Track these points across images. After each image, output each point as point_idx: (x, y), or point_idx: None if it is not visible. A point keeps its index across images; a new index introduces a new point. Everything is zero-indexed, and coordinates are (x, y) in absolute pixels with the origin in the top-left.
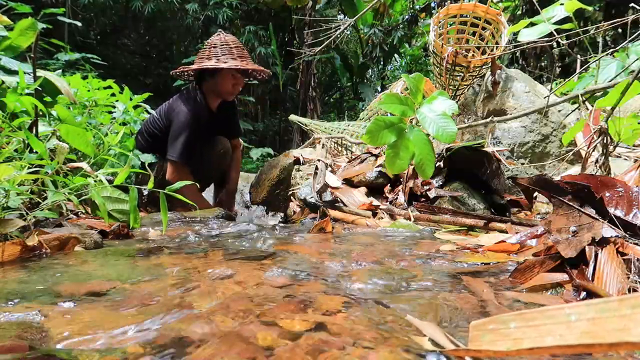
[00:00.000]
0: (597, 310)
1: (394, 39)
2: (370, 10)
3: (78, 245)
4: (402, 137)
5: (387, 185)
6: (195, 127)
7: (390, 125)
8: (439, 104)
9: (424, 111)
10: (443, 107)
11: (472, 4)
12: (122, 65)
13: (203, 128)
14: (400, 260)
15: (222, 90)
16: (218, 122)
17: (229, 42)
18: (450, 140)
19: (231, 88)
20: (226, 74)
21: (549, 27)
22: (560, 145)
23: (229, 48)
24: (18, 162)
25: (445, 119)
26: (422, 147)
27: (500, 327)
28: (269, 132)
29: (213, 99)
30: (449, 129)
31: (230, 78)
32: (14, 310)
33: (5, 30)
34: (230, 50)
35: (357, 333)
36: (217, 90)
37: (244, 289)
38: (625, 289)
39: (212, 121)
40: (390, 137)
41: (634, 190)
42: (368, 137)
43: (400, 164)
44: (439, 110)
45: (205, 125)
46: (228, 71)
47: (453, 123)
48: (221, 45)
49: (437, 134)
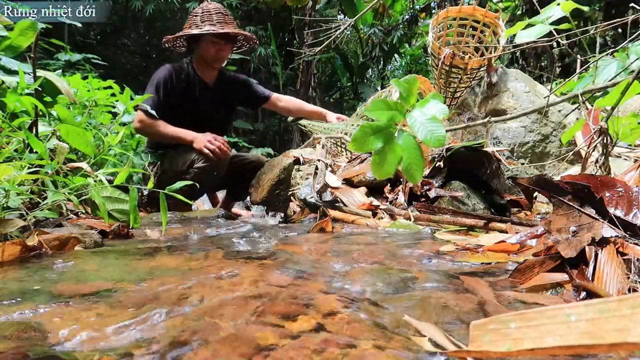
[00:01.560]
0: (596, 310)
1: (394, 38)
2: (370, 10)
3: (78, 245)
4: (390, 142)
5: (387, 185)
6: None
7: (377, 131)
8: (430, 108)
9: (415, 115)
10: (434, 111)
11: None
12: (122, 65)
13: (192, 94)
14: (400, 261)
15: (207, 57)
16: (216, 96)
17: (210, 10)
18: (439, 144)
19: (214, 54)
20: (207, 40)
21: (546, 27)
22: (560, 145)
23: (209, 15)
24: (18, 162)
25: (435, 123)
26: (411, 152)
27: (500, 327)
28: (269, 132)
29: (205, 70)
30: (438, 133)
31: (211, 44)
32: (14, 310)
33: (5, 30)
34: (210, 16)
35: (358, 333)
36: (202, 58)
37: (244, 289)
38: (625, 289)
39: (207, 94)
40: (377, 143)
41: (634, 190)
42: (354, 144)
43: (387, 169)
44: (429, 114)
45: (195, 94)
46: (207, 37)
47: (442, 127)
48: (202, 14)
49: (426, 139)
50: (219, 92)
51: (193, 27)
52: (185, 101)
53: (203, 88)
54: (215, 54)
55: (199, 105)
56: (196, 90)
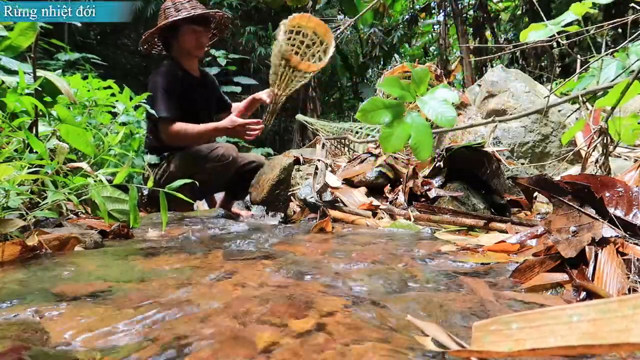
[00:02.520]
0: (598, 310)
1: (394, 38)
2: (370, 10)
3: (78, 245)
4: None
5: (387, 185)
6: (169, 84)
7: (387, 106)
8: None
9: (425, 98)
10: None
11: (307, 16)
12: (122, 65)
13: (184, 89)
14: (400, 261)
15: (188, 47)
16: (202, 88)
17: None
18: (450, 124)
19: (195, 42)
20: (185, 30)
21: (555, 28)
22: (560, 145)
23: (182, 3)
24: (18, 162)
25: (445, 105)
26: (419, 129)
27: (502, 327)
28: (269, 132)
29: (187, 61)
30: (448, 114)
31: (191, 32)
32: (14, 310)
33: (5, 30)
34: (183, 5)
35: (358, 333)
36: (184, 50)
37: (244, 289)
38: (625, 289)
39: (194, 82)
40: (385, 116)
41: (634, 190)
42: (361, 114)
43: (396, 144)
44: (440, 97)
45: (186, 86)
46: (185, 27)
47: (453, 109)
48: (174, 4)
49: (436, 119)
50: (204, 83)
51: (170, 18)
52: (183, 100)
53: (193, 82)
54: (196, 42)
55: (196, 100)
56: (189, 85)
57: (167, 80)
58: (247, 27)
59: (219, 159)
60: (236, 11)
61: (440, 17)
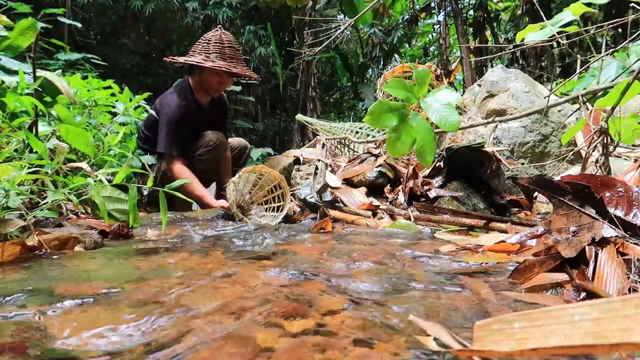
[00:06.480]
0: (600, 310)
1: (394, 38)
2: (370, 10)
3: (78, 245)
4: (404, 122)
5: (387, 185)
6: (180, 119)
7: (393, 109)
8: (443, 95)
9: (429, 101)
10: (448, 98)
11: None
12: (122, 65)
13: (192, 121)
14: (400, 260)
15: (207, 87)
16: (209, 117)
17: (223, 41)
18: (453, 129)
19: (216, 86)
20: (211, 72)
21: (555, 29)
22: (560, 145)
23: (222, 47)
24: (18, 162)
25: (449, 109)
26: (424, 134)
27: (504, 327)
28: (269, 132)
29: (201, 93)
30: (452, 118)
31: (215, 77)
32: (14, 310)
33: (5, 30)
34: (223, 49)
35: (359, 333)
36: (203, 86)
37: (244, 289)
38: (625, 289)
39: (202, 115)
40: (393, 120)
41: (634, 190)
42: (370, 118)
43: (402, 148)
44: (443, 100)
45: (194, 119)
46: (213, 70)
47: (456, 113)
48: (215, 43)
49: (440, 122)
50: (211, 111)
51: (203, 54)
52: (189, 130)
53: (199, 110)
54: (217, 86)
55: (198, 127)
56: (195, 113)
57: (180, 114)
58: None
59: (208, 144)
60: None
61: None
